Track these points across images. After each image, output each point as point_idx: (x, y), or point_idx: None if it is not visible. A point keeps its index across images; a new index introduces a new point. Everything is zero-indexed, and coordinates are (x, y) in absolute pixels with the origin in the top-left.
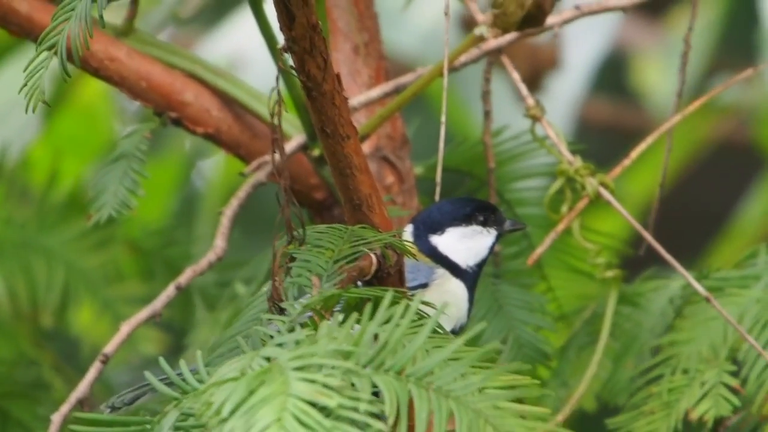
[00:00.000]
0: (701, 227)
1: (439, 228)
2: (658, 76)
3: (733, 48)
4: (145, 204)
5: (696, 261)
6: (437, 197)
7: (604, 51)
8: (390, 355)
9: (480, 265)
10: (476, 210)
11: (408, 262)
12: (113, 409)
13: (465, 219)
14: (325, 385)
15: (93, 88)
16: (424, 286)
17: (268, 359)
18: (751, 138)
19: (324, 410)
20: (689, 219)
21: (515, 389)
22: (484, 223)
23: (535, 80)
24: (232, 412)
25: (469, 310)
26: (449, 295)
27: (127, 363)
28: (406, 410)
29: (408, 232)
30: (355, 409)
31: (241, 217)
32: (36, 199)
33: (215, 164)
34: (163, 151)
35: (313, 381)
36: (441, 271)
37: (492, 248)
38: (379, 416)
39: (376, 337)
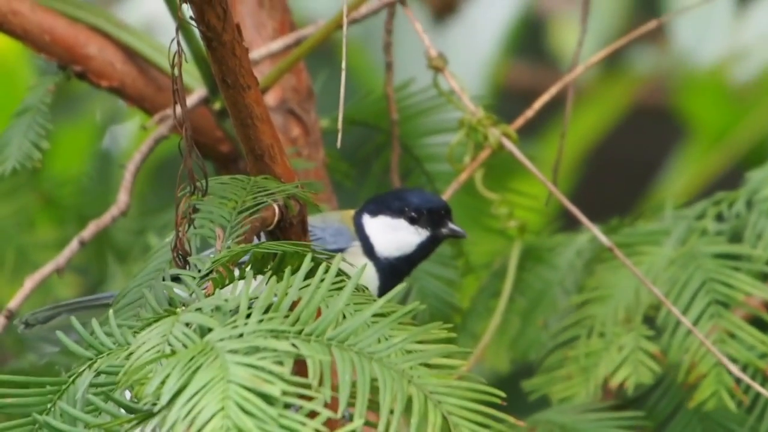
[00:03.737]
0: (625, 188)
1: (375, 211)
2: (575, 39)
3: (649, 12)
4: (65, 159)
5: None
6: (338, 144)
7: (517, 12)
8: (309, 318)
9: (402, 260)
10: (413, 207)
11: (334, 224)
12: (27, 325)
13: (396, 211)
14: (264, 370)
15: (7, 45)
16: (341, 251)
17: (188, 325)
18: (668, 104)
19: (264, 397)
20: (613, 179)
21: (434, 345)
22: (414, 221)
23: (448, 4)
24: (172, 400)
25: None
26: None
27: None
28: (329, 374)
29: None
30: (296, 394)
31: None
32: None
33: (132, 119)
34: (84, 105)
35: (251, 365)
36: (357, 245)
37: (422, 247)
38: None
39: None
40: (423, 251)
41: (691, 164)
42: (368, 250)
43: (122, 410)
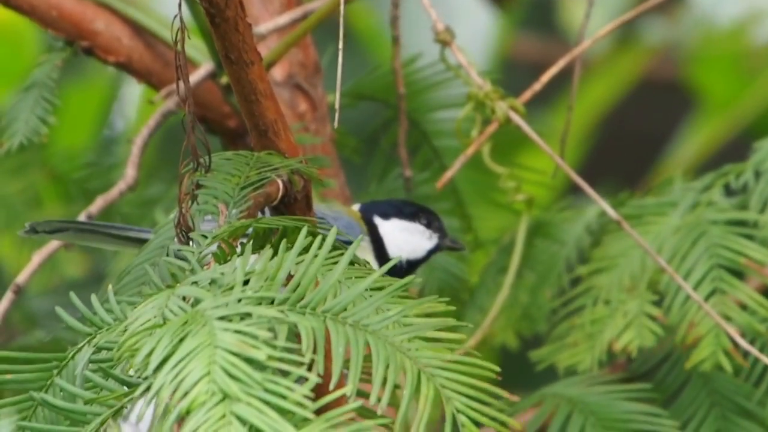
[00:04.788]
0: (634, 160)
1: (385, 214)
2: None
3: None
4: (72, 133)
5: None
6: (336, 124)
7: None
8: (305, 290)
9: (410, 263)
10: (421, 212)
11: (344, 217)
12: (33, 231)
13: (410, 215)
14: (251, 336)
15: (15, 20)
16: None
17: (184, 299)
18: (678, 76)
19: (252, 362)
20: (623, 151)
21: (432, 318)
22: (428, 226)
23: None
24: (160, 366)
25: None
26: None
27: (49, 288)
28: (323, 346)
29: (356, 206)
30: (284, 360)
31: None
32: None
33: (138, 93)
34: (91, 79)
35: (238, 332)
36: (368, 240)
37: (429, 253)
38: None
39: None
40: (428, 257)
41: (699, 135)
42: (378, 249)
43: (121, 385)
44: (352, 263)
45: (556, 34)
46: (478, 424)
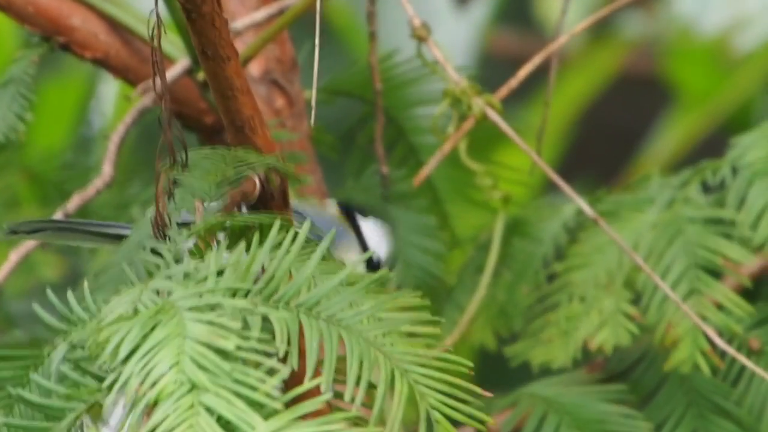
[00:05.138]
0: (612, 155)
1: (364, 212)
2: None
3: None
4: (48, 131)
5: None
6: (312, 121)
7: None
8: (279, 284)
9: (383, 262)
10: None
11: (328, 215)
12: (12, 232)
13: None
14: (221, 326)
15: None
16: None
17: (158, 292)
18: (655, 69)
19: (221, 352)
20: (600, 146)
21: (407, 313)
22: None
23: None
24: (129, 356)
25: None
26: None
27: (27, 290)
28: (296, 341)
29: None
30: (253, 350)
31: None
32: None
33: (115, 90)
34: (68, 75)
35: (208, 322)
36: (354, 238)
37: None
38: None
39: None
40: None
41: (677, 130)
42: (363, 247)
43: (96, 381)
44: (325, 258)
45: (533, 28)
46: (453, 422)
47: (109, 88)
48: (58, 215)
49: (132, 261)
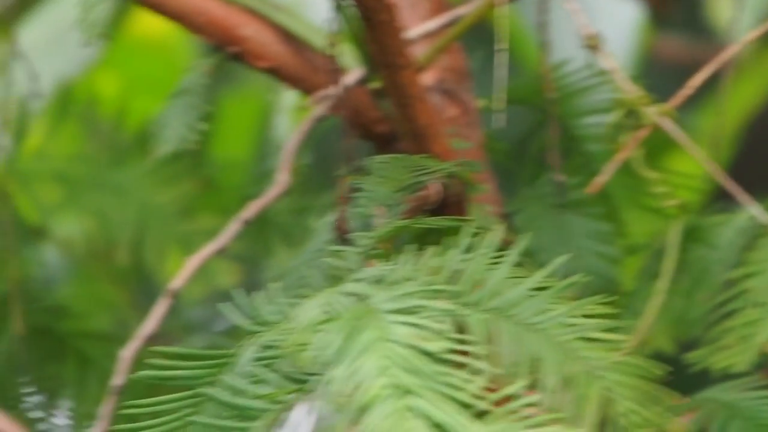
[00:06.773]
0: None
1: None
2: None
3: None
4: (228, 140)
5: None
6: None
7: None
8: (473, 287)
9: None
10: None
11: None
12: None
13: None
14: (426, 329)
15: (167, 31)
16: None
17: (349, 295)
18: None
19: (427, 354)
20: None
21: (593, 319)
22: None
23: None
24: (331, 361)
25: None
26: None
27: (203, 298)
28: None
29: None
30: (455, 352)
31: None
32: (106, 135)
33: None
34: (249, 87)
35: (413, 324)
36: None
37: None
38: None
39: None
40: None
41: None
42: None
43: (289, 382)
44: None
45: (698, 32)
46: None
47: (286, 99)
48: (236, 224)
49: (313, 266)
